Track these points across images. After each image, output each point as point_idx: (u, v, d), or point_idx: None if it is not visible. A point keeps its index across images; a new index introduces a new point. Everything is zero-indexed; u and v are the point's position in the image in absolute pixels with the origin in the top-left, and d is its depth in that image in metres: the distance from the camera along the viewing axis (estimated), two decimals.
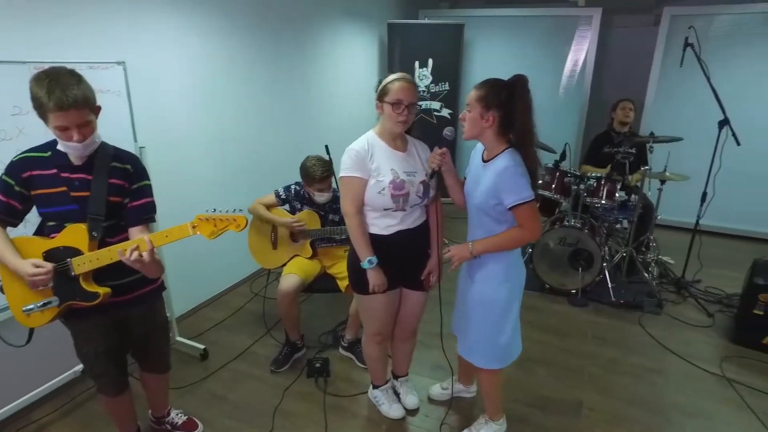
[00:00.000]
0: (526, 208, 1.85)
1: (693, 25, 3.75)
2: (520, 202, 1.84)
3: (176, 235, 1.67)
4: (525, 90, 1.87)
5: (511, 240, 1.94)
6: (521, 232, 1.90)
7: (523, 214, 1.87)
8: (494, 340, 2.10)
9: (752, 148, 4.78)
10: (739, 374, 2.93)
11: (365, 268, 2.05)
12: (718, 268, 4.27)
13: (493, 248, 1.97)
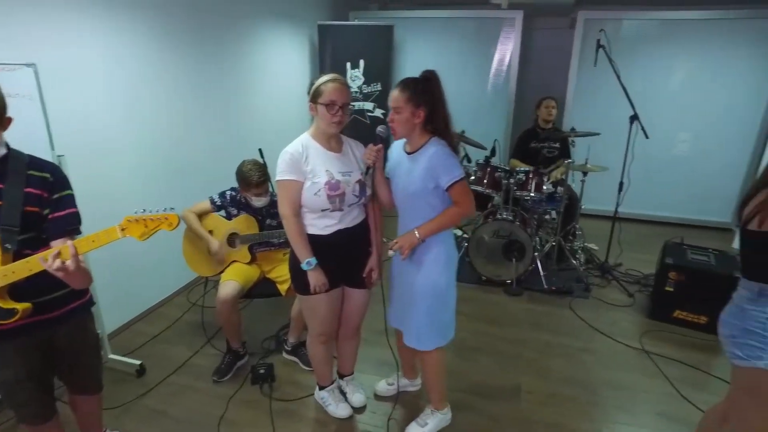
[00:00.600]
0: (460, 186, 2.00)
1: (603, 29, 4.03)
2: (455, 180, 1.98)
3: (103, 240, 1.58)
4: (439, 83, 2.01)
5: (452, 217, 2.07)
6: (458, 209, 2.05)
7: (458, 192, 2.01)
8: (440, 319, 2.20)
9: (659, 140, 5.24)
10: (655, 346, 3.19)
11: (305, 269, 2.06)
12: (635, 251, 4.62)
13: (437, 229, 2.07)
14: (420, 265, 2.15)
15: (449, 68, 5.87)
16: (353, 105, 5.60)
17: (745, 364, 1.70)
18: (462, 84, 5.89)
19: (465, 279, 3.98)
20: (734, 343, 1.73)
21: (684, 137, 5.46)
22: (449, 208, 2.07)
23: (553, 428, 2.49)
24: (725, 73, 5.18)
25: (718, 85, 5.22)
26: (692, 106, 5.33)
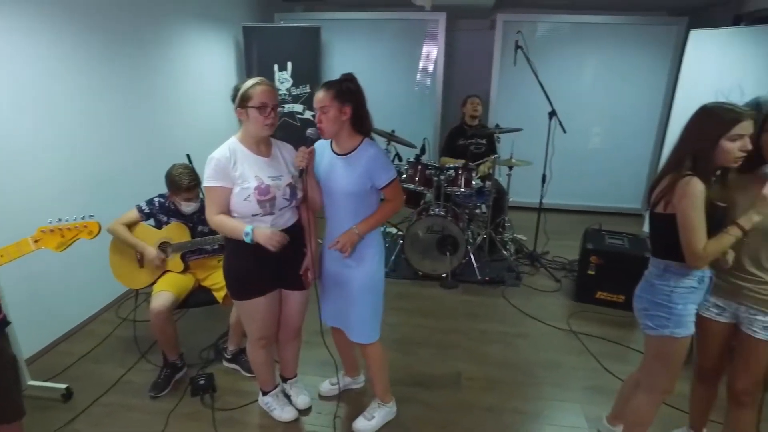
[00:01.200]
0: (394, 184, 2.12)
1: (521, 30, 4.26)
2: (390, 180, 2.09)
3: (14, 253, 1.49)
4: (359, 85, 2.08)
5: (387, 213, 2.18)
6: (393, 204, 2.17)
7: (393, 190, 2.13)
8: (378, 312, 2.31)
9: (576, 134, 5.61)
10: (581, 326, 3.43)
11: (248, 240, 1.98)
12: (560, 239, 4.91)
13: (375, 225, 2.16)
14: (360, 262, 2.19)
15: (378, 69, 5.96)
16: (282, 107, 5.57)
17: (655, 333, 1.89)
18: (391, 84, 6.00)
19: (402, 275, 4.07)
20: (646, 315, 1.92)
21: (597, 131, 5.89)
22: (384, 205, 2.16)
23: (493, 410, 2.61)
24: (628, 72, 5.66)
25: (623, 83, 5.69)
26: (602, 102, 5.77)
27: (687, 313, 1.83)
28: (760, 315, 1.84)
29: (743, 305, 1.89)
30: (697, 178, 1.69)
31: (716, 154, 1.69)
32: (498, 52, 5.73)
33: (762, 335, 1.84)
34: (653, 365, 1.98)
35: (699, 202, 1.68)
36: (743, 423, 1.99)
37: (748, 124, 1.65)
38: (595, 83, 5.75)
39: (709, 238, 1.70)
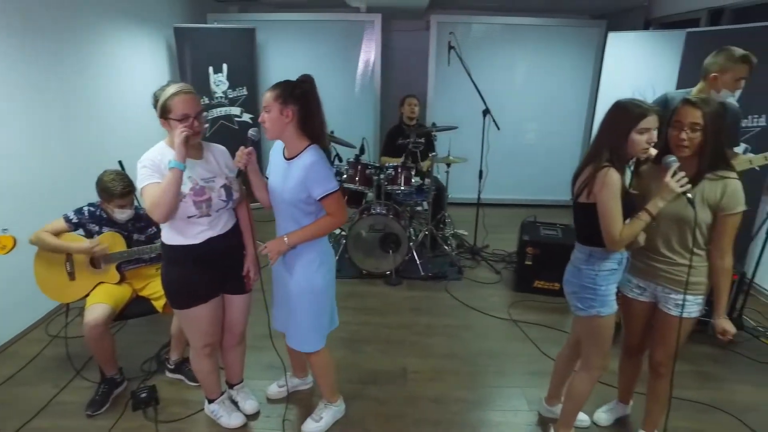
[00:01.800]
0: (333, 198, 2.02)
1: (453, 31, 4.40)
2: (329, 192, 2.01)
3: None
4: (314, 88, 2.05)
5: (323, 228, 2.10)
6: (331, 219, 2.08)
7: (332, 203, 2.04)
8: (318, 322, 2.24)
9: (510, 131, 5.88)
10: (521, 315, 3.58)
11: (177, 165, 1.86)
12: (499, 232, 5.09)
13: (308, 237, 2.09)
14: (293, 270, 2.17)
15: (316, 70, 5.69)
16: (221, 111, 5.45)
17: (584, 314, 2.02)
18: (330, 86, 6.00)
19: (346, 275, 4.09)
20: (575, 298, 2.05)
21: (530, 127, 6.17)
22: (321, 218, 2.09)
23: (438, 401, 2.69)
24: (557, 71, 5.97)
25: (552, 81, 5.99)
26: (534, 100, 6.05)
27: (610, 293, 1.98)
28: (673, 294, 2.01)
29: (660, 285, 2.06)
30: (613, 169, 1.82)
31: (627, 146, 1.83)
32: (433, 53, 5.87)
33: (675, 312, 2.01)
34: (587, 345, 2.12)
35: (616, 191, 1.81)
36: (660, 391, 2.17)
37: (654, 119, 1.80)
38: (527, 82, 6.02)
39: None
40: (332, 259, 2.27)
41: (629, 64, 4.97)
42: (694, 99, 1.86)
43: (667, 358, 2.09)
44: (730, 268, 1.94)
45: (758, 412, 2.67)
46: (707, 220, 1.90)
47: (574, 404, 2.25)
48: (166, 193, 1.85)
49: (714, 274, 1.96)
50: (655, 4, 5.42)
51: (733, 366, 3.09)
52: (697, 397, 2.76)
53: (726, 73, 2.61)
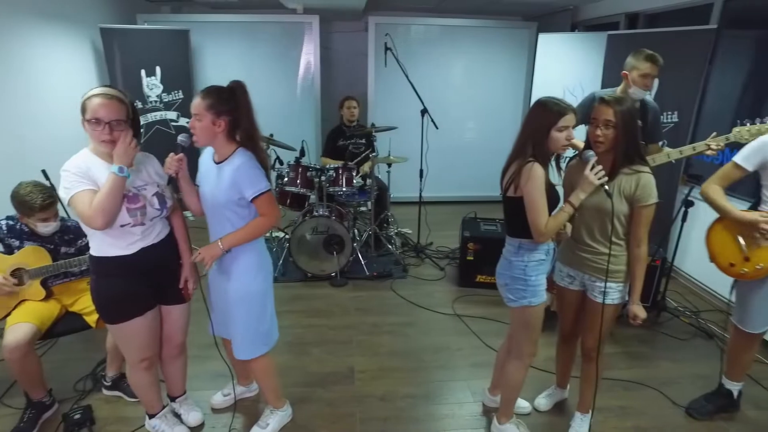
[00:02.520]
0: (265, 198, 2.02)
1: (389, 33, 4.46)
2: (260, 192, 2.00)
3: None
4: (246, 94, 2.01)
5: (257, 229, 2.08)
6: (264, 220, 2.07)
7: (263, 204, 2.03)
8: (258, 329, 2.21)
9: (450, 130, 6.02)
10: (465, 309, 3.68)
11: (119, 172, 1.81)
12: (442, 230, 5.19)
13: (242, 240, 2.06)
14: (230, 276, 2.13)
15: (256, 73, 5.85)
16: (156, 115, 5.26)
17: (516, 304, 2.11)
18: (269, 88, 5.92)
19: (292, 278, 4.06)
20: (507, 289, 2.13)
21: (470, 125, 6.35)
22: (254, 220, 2.07)
23: (386, 398, 2.72)
24: (493, 71, 6.18)
25: (489, 81, 6.20)
26: (472, 99, 6.22)
27: (539, 283, 2.07)
28: (598, 282, 2.13)
29: (586, 274, 2.18)
30: (537, 164, 1.92)
31: (549, 142, 1.93)
32: (372, 54, 5.92)
33: (600, 299, 2.13)
34: (518, 334, 2.21)
35: (541, 185, 1.91)
36: (592, 374, 2.29)
37: (571, 117, 1.91)
38: (465, 81, 6.19)
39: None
40: (270, 264, 2.25)
41: (559, 64, 5.20)
42: (608, 98, 1.99)
43: (597, 343, 2.21)
44: (645, 256, 2.08)
45: (678, 384, 2.88)
46: (625, 211, 2.03)
47: (510, 392, 2.34)
48: (108, 198, 1.79)
49: (631, 262, 2.09)
50: (581, 7, 5.71)
51: (656, 344, 3.31)
52: (625, 376, 2.94)
53: (633, 70, 2.81)
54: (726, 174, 2.33)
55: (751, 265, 2.27)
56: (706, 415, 2.61)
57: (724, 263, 2.37)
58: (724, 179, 2.34)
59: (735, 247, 2.32)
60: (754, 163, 2.24)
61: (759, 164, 2.23)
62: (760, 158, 2.22)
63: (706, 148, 2.76)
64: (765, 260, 2.23)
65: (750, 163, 2.25)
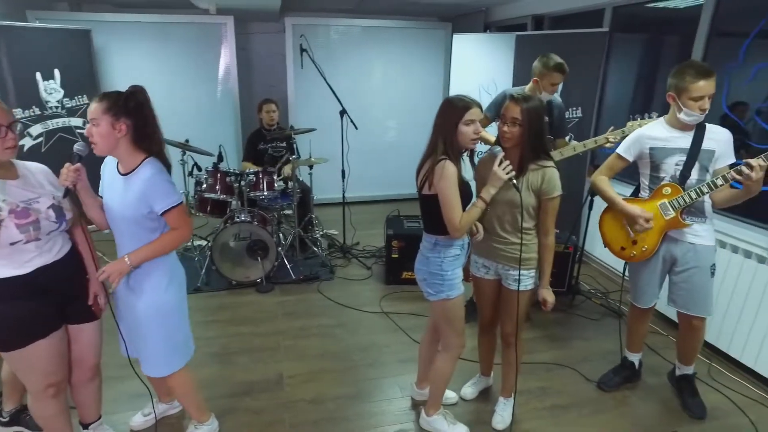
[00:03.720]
0: (176, 211, 1.93)
1: (304, 34, 4.43)
2: (171, 206, 1.91)
3: None
4: (147, 98, 1.91)
5: (168, 244, 1.99)
6: (176, 234, 1.98)
7: (175, 217, 1.94)
8: (174, 342, 2.12)
9: (372, 129, 6.09)
10: (392, 307, 3.74)
11: None
12: (368, 229, 5.23)
13: (152, 255, 1.96)
14: (140, 292, 2.02)
15: (170, 76, 5.59)
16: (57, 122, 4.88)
17: (435, 298, 2.18)
18: (184, 91, 5.69)
19: (216, 287, 3.93)
20: (426, 284, 2.19)
21: (391, 125, 6.44)
22: (165, 234, 1.98)
23: (315, 401, 2.70)
24: (412, 70, 6.33)
25: (408, 80, 6.34)
26: (393, 98, 6.33)
27: (456, 276, 2.15)
28: (511, 270, 2.24)
29: (500, 264, 2.28)
30: (449, 161, 1.98)
31: (458, 137, 2.00)
32: (290, 55, 5.85)
33: (515, 287, 2.24)
34: (442, 327, 2.28)
35: (454, 181, 1.97)
36: (512, 359, 2.40)
37: (477, 111, 2.00)
38: (384, 81, 6.28)
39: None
40: (182, 275, 2.16)
41: (473, 63, 5.39)
42: (515, 96, 2.09)
43: (515, 329, 2.32)
44: (553, 244, 2.22)
45: (591, 361, 3.09)
46: (533, 203, 2.15)
47: (439, 384, 2.40)
48: None
49: (540, 250, 2.22)
50: (493, 9, 5.95)
51: (572, 326, 3.54)
52: (544, 358, 3.12)
53: (543, 78, 2.99)
54: (611, 165, 2.57)
55: (638, 248, 2.50)
56: (614, 386, 2.83)
57: (616, 248, 2.60)
58: (610, 170, 2.57)
59: (623, 232, 2.54)
60: (633, 154, 2.48)
61: (637, 155, 2.47)
62: (638, 149, 2.46)
63: (605, 141, 3.00)
64: (649, 243, 2.46)
65: (630, 154, 2.49)
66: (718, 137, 2.31)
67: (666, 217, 2.39)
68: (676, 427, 2.56)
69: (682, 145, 2.34)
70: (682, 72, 2.22)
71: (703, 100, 2.19)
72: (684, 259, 2.44)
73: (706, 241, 2.41)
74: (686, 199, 2.32)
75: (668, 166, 2.38)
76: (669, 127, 2.39)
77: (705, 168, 2.33)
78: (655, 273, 2.53)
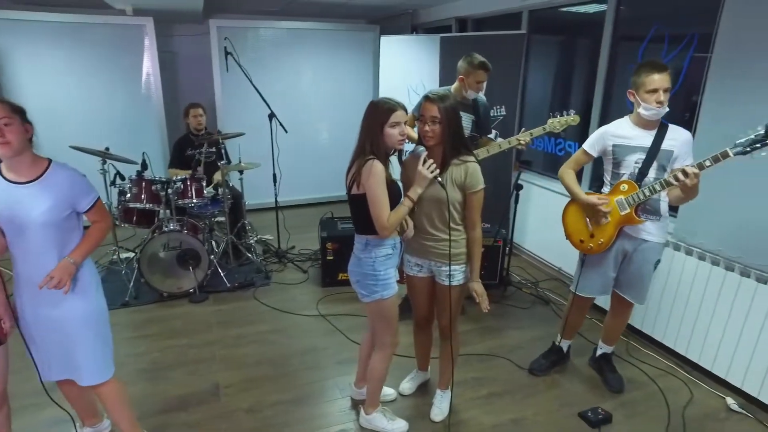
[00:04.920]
0: (99, 205, 2.00)
1: (227, 37, 4.33)
2: (94, 202, 1.97)
3: None
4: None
5: (100, 236, 2.03)
6: (102, 226, 2.04)
7: (98, 211, 2.01)
8: (110, 345, 2.11)
9: (304, 132, 6.05)
10: (329, 309, 3.74)
11: None
12: (303, 232, 5.19)
13: (91, 249, 2.00)
14: (70, 300, 1.95)
15: (87, 79, 5.27)
16: None
17: (369, 299, 2.21)
18: (106, 96, 5.38)
19: (145, 300, 3.77)
20: (360, 285, 2.22)
21: (324, 127, 6.43)
22: (94, 228, 2.01)
23: (254, 409, 2.66)
24: (342, 72, 6.34)
25: (338, 82, 6.34)
26: (324, 101, 6.32)
27: (389, 276, 2.19)
28: (443, 266, 2.30)
29: (433, 261, 2.34)
30: (377, 161, 2.02)
31: (384, 139, 2.04)
32: (216, 58, 5.68)
33: (447, 282, 2.31)
34: (377, 326, 2.31)
35: (381, 180, 2.01)
36: (448, 352, 2.47)
37: (402, 114, 2.05)
38: (315, 84, 6.25)
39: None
40: (100, 280, 2.13)
41: (401, 65, 5.48)
42: (432, 95, 2.15)
43: (450, 322, 2.39)
44: (480, 238, 2.29)
45: (523, 349, 3.24)
46: (459, 198, 2.22)
47: (375, 383, 2.43)
48: None
49: (469, 244, 2.30)
50: (419, 11, 6.09)
51: (504, 316, 3.69)
52: (479, 350, 3.23)
53: (469, 76, 3.09)
54: (576, 159, 2.69)
55: (595, 240, 2.61)
56: (544, 370, 2.99)
57: (576, 240, 2.71)
58: (575, 164, 2.69)
59: (583, 225, 2.65)
60: (597, 150, 2.59)
61: (601, 150, 2.58)
62: (602, 146, 2.57)
63: (517, 143, 3.15)
64: (605, 236, 2.57)
65: (594, 150, 2.60)
66: (678, 138, 2.41)
67: (622, 212, 2.49)
68: (600, 401, 2.74)
69: (643, 144, 2.44)
70: (639, 69, 2.36)
71: (658, 93, 2.30)
72: (635, 253, 2.58)
73: (657, 238, 2.55)
74: (641, 196, 2.42)
75: (628, 164, 2.49)
76: (633, 125, 2.49)
77: (663, 167, 2.43)
78: (607, 266, 2.64)
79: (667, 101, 2.33)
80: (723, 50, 2.73)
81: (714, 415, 2.68)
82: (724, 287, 2.82)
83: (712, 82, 2.81)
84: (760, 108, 2.55)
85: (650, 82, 2.30)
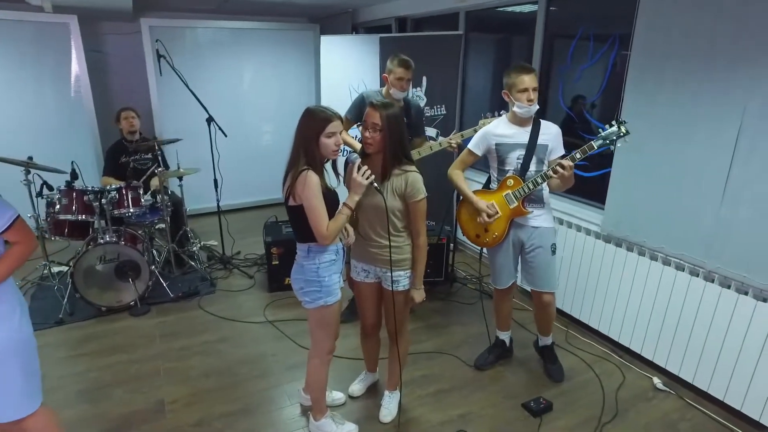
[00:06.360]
0: (18, 226, 1.80)
1: (159, 39, 4.18)
2: (12, 221, 1.78)
3: None
4: None
5: (20, 258, 1.84)
6: (24, 247, 1.84)
7: (18, 232, 1.81)
8: (35, 378, 1.94)
9: (246, 135, 5.94)
10: (276, 314, 3.71)
11: None
12: (248, 237, 5.12)
13: (9, 272, 1.81)
14: None
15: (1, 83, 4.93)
16: None
17: (313, 306, 2.21)
18: (26, 101, 5.05)
19: (82, 316, 3.60)
20: (303, 292, 2.22)
21: (266, 129, 6.33)
22: (11, 251, 1.82)
23: (201, 423, 2.61)
24: (283, 72, 6.26)
25: (280, 83, 6.25)
26: (265, 102, 6.21)
27: (333, 282, 2.20)
28: (388, 272, 2.33)
29: (378, 266, 2.37)
30: (312, 171, 2.02)
31: (319, 148, 2.05)
32: (150, 60, 5.46)
33: (393, 287, 2.34)
34: (316, 333, 2.32)
35: (317, 191, 2.01)
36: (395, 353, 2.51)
37: (337, 124, 2.06)
38: (256, 84, 6.13)
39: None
40: (26, 306, 1.98)
41: (342, 64, 5.45)
42: (376, 102, 2.17)
43: (398, 325, 2.42)
44: (425, 245, 2.33)
45: (468, 344, 3.34)
46: (399, 206, 2.24)
47: (317, 390, 2.43)
48: None
49: (413, 251, 2.34)
50: (359, 10, 6.08)
51: (450, 313, 3.78)
52: (426, 348, 3.30)
53: (390, 74, 3.11)
54: (462, 159, 2.84)
55: (490, 235, 2.79)
56: (489, 365, 3.09)
57: (472, 235, 2.87)
58: (462, 163, 2.84)
59: (477, 222, 2.78)
60: (481, 149, 2.76)
61: (485, 150, 2.75)
62: (485, 145, 2.74)
63: (448, 144, 3.25)
64: (498, 230, 2.75)
65: (479, 149, 2.77)
66: (550, 132, 2.68)
67: (511, 206, 2.70)
68: (542, 391, 2.87)
69: (522, 141, 2.66)
70: (509, 72, 2.59)
71: (528, 92, 2.53)
72: (529, 241, 2.76)
73: (545, 223, 2.76)
74: (525, 189, 2.64)
75: (511, 160, 2.68)
76: (510, 123, 2.70)
77: (541, 160, 2.67)
78: (508, 256, 2.82)
79: (536, 99, 2.57)
80: (639, 49, 2.91)
81: (643, 395, 2.87)
82: (650, 276, 3.02)
83: (630, 78, 2.98)
84: (673, 103, 2.74)
85: (520, 82, 2.54)
